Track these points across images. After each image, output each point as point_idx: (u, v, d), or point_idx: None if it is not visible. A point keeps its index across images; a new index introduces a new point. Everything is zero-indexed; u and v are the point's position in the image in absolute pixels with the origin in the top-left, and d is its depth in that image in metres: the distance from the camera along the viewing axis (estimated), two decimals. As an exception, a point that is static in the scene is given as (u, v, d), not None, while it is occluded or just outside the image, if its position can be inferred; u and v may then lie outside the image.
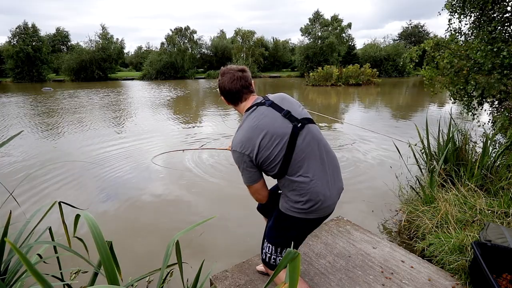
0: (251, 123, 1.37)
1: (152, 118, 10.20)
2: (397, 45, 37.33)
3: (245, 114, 1.43)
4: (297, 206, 1.40)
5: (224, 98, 1.50)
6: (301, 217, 1.42)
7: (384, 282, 1.96)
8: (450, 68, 4.13)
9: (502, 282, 1.83)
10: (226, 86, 1.44)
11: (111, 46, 36.48)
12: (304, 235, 1.57)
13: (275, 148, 1.34)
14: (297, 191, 1.38)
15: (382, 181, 4.15)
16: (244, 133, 1.38)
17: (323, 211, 1.43)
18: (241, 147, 1.36)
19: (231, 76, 1.43)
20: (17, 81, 32.95)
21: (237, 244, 2.97)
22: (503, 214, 2.49)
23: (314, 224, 1.51)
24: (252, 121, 1.38)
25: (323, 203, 1.40)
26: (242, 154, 1.36)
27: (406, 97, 17.21)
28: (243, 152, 1.36)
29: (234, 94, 1.45)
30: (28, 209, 3.55)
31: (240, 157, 1.38)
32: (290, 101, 1.45)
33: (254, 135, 1.35)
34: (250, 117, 1.40)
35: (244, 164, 1.38)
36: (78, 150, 6.31)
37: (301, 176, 1.36)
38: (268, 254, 1.54)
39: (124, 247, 2.87)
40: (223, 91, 1.47)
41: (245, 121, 1.41)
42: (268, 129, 1.35)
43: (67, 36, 41.48)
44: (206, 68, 41.78)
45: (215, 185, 4.40)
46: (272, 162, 1.36)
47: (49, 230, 1.39)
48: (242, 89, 1.45)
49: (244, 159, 1.37)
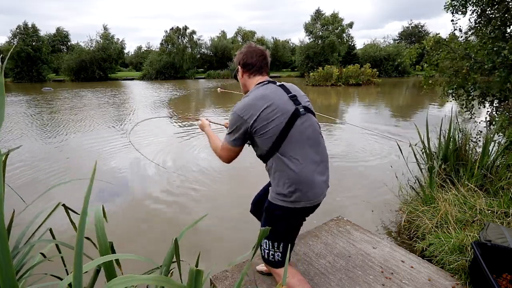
0: (258, 93, 1.43)
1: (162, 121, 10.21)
2: (397, 45, 37.31)
3: (255, 87, 1.50)
4: (283, 192, 1.40)
5: (242, 69, 1.56)
6: (288, 206, 1.42)
7: (384, 282, 1.97)
8: (450, 67, 4.13)
9: (502, 282, 1.83)
10: (253, 58, 1.52)
11: (112, 46, 36.46)
12: (295, 227, 1.56)
13: (275, 120, 1.38)
14: (284, 174, 1.39)
15: (382, 181, 4.15)
16: (249, 100, 1.42)
17: (309, 199, 1.42)
18: (242, 111, 1.41)
19: (259, 51, 1.54)
20: (17, 81, 32.93)
21: (237, 244, 2.98)
22: (503, 214, 2.49)
23: (302, 214, 1.50)
24: (260, 91, 1.44)
25: (310, 189, 1.40)
26: (240, 118, 1.41)
27: (406, 97, 17.21)
28: (241, 116, 1.40)
29: (258, 67, 1.54)
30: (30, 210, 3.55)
31: (237, 119, 1.42)
32: (298, 91, 1.54)
33: (259, 103, 1.39)
34: (259, 89, 1.46)
35: (236, 127, 1.43)
36: (85, 148, 6.32)
37: (292, 158, 1.38)
38: (266, 250, 1.54)
39: (124, 247, 2.88)
40: (246, 61, 1.54)
41: (253, 91, 1.47)
42: (274, 101, 1.40)
43: (67, 36, 41.46)
44: (206, 68, 41.74)
45: (216, 185, 4.40)
46: (268, 133, 1.38)
47: (50, 230, 1.39)
48: (265, 65, 1.55)
49: (239, 123, 1.41)
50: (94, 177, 0.66)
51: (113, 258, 0.88)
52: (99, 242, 0.88)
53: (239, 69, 1.59)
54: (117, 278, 0.73)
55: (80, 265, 0.65)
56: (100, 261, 0.83)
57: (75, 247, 0.63)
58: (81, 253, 0.65)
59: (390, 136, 5.29)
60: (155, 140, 6.96)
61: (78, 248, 0.63)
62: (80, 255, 0.64)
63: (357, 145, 6.35)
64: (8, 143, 6.89)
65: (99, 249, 0.88)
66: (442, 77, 4.33)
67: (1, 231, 0.61)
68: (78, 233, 0.64)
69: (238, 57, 1.58)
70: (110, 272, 0.91)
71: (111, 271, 0.91)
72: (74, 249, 0.63)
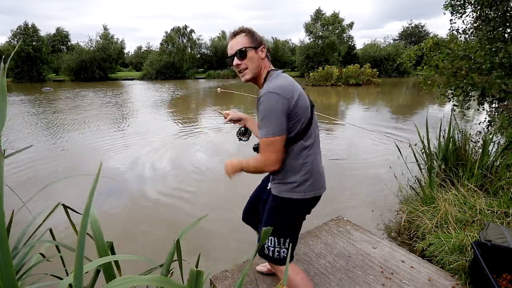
0: (287, 78, 1.38)
1: (162, 118, 10.21)
2: (397, 45, 37.31)
3: (274, 73, 1.41)
4: (297, 181, 1.39)
5: (266, 50, 1.45)
6: (297, 197, 1.40)
7: (384, 282, 1.97)
8: (449, 68, 4.13)
9: (502, 282, 1.83)
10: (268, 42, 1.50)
11: (112, 46, 36.47)
12: (301, 222, 1.55)
13: (306, 108, 1.36)
14: (301, 162, 1.38)
15: (382, 181, 4.15)
16: (283, 81, 1.33)
17: (318, 188, 1.44)
18: (282, 90, 1.27)
19: None
20: (17, 81, 32.94)
21: (237, 244, 2.98)
22: (503, 214, 2.49)
23: (309, 206, 1.50)
24: (287, 78, 1.39)
25: (320, 179, 1.44)
26: (282, 97, 1.26)
27: (406, 97, 17.21)
28: (282, 95, 1.26)
29: (270, 51, 1.50)
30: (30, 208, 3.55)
31: (277, 101, 1.26)
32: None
33: (294, 86, 1.34)
34: (283, 75, 1.41)
35: (277, 110, 1.26)
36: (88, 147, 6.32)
37: (311, 145, 1.40)
38: (271, 248, 1.48)
39: (124, 248, 2.88)
40: (266, 42, 1.48)
41: (279, 77, 1.38)
42: (301, 90, 1.38)
43: (67, 36, 41.48)
44: (206, 68, 41.75)
45: (216, 185, 4.40)
46: (301, 119, 1.34)
47: (50, 231, 1.39)
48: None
49: (281, 103, 1.26)
50: (99, 176, 0.65)
51: (112, 259, 0.87)
52: (96, 242, 0.88)
53: (261, 49, 1.42)
54: (117, 279, 0.73)
55: (81, 265, 0.65)
56: (99, 262, 0.82)
57: (76, 248, 0.63)
58: (82, 254, 0.64)
59: (390, 136, 5.30)
60: (154, 138, 6.98)
61: (80, 250, 0.63)
62: (81, 256, 0.64)
63: (357, 145, 6.35)
64: (12, 144, 6.89)
65: (98, 250, 0.88)
66: (441, 77, 4.33)
67: (1, 230, 0.61)
68: (80, 235, 0.64)
69: (255, 36, 1.44)
70: (109, 273, 0.91)
71: (110, 272, 0.91)
72: (76, 250, 0.63)
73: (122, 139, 7.15)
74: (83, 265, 0.69)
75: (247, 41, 1.40)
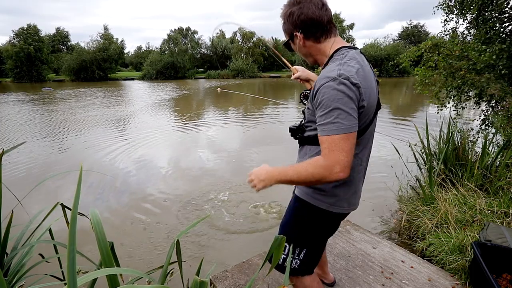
0: (360, 65, 1.02)
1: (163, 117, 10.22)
2: (396, 45, 37.31)
3: (343, 52, 1.05)
4: (324, 188, 1.13)
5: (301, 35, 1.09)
6: (321, 207, 1.16)
7: (384, 282, 1.96)
8: (448, 68, 4.12)
9: (502, 282, 1.83)
10: (316, 13, 1.03)
11: (112, 46, 36.52)
12: (324, 233, 1.28)
13: (371, 107, 1.06)
14: None
15: (382, 181, 4.15)
16: (351, 64, 0.99)
17: (349, 204, 1.19)
18: (350, 74, 0.95)
19: (315, 2, 1.04)
20: (17, 81, 32.98)
21: (237, 244, 2.98)
22: (503, 214, 2.49)
23: (335, 220, 1.23)
24: (360, 63, 1.03)
25: (353, 194, 1.19)
26: (351, 84, 0.94)
27: (406, 97, 17.20)
28: (351, 81, 0.94)
29: (325, 24, 1.06)
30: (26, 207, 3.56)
31: (345, 89, 0.94)
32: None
33: (365, 70, 1.03)
34: (357, 58, 1.04)
35: (345, 100, 0.94)
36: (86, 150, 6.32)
37: (358, 153, 1.13)
38: (283, 255, 1.26)
39: (124, 248, 2.88)
40: (307, 21, 1.05)
41: (347, 56, 1.03)
42: (372, 84, 1.05)
43: (67, 36, 41.54)
44: (206, 68, 41.77)
45: (216, 186, 4.40)
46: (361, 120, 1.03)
47: (49, 231, 1.39)
48: (331, 20, 1.09)
49: (350, 91, 0.94)
50: (81, 178, 0.65)
51: (112, 272, 0.86)
52: (99, 246, 0.87)
53: (298, 38, 1.10)
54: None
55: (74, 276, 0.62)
56: (96, 275, 0.80)
57: (67, 259, 0.59)
58: (74, 266, 0.62)
59: (389, 136, 5.29)
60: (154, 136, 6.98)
61: (71, 263, 0.60)
62: (73, 267, 0.61)
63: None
64: (12, 144, 6.89)
65: (101, 255, 0.87)
66: (439, 77, 4.32)
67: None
68: (70, 234, 0.63)
69: (289, 22, 1.09)
70: (112, 276, 0.90)
71: (114, 276, 0.90)
72: (66, 263, 0.60)
73: (122, 137, 7.15)
74: (82, 265, 0.69)
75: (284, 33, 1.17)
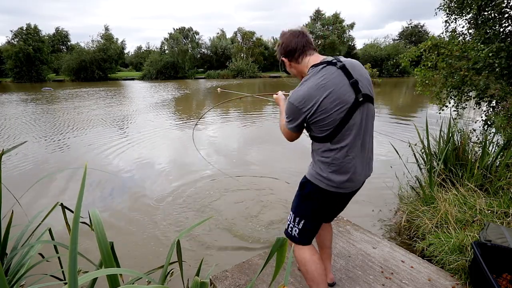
0: (318, 81, 1.32)
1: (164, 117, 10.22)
2: (397, 45, 37.30)
3: (312, 70, 1.38)
4: (323, 174, 1.41)
5: (286, 59, 1.49)
6: (320, 186, 1.43)
7: (384, 282, 1.96)
8: (448, 68, 4.12)
9: (502, 282, 1.83)
10: (292, 42, 1.43)
11: (112, 46, 36.51)
12: (325, 210, 1.55)
13: (334, 112, 1.31)
14: (329, 160, 1.39)
15: (382, 181, 4.15)
16: (308, 89, 1.33)
17: (345, 188, 1.44)
18: (300, 102, 1.33)
19: (293, 33, 1.45)
20: (17, 81, 32.97)
21: (237, 244, 2.98)
22: (503, 214, 2.49)
23: (334, 199, 1.50)
24: (320, 79, 1.33)
25: (347, 179, 1.41)
26: (299, 110, 1.35)
27: (406, 97, 17.21)
28: (300, 108, 1.34)
29: (300, 49, 1.44)
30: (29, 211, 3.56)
31: (294, 110, 1.37)
32: (361, 72, 1.40)
33: (318, 94, 1.31)
34: (319, 74, 1.34)
35: (294, 117, 1.39)
36: (87, 151, 6.32)
37: (341, 148, 1.37)
38: (288, 222, 1.59)
39: (124, 248, 2.88)
40: (287, 48, 1.45)
41: (312, 77, 1.35)
42: (334, 90, 1.31)
43: (66, 36, 41.51)
44: (206, 68, 41.76)
45: (217, 186, 4.40)
46: (326, 125, 1.34)
47: (49, 231, 1.39)
48: (307, 44, 1.45)
49: (297, 114, 1.37)
50: (85, 178, 0.65)
51: (112, 272, 0.86)
52: (100, 246, 0.87)
53: (285, 62, 1.51)
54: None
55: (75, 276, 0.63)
56: (97, 275, 0.80)
57: (68, 259, 0.60)
58: (75, 266, 0.62)
59: (389, 136, 5.30)
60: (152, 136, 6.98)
61: (72, 263, 0.60)
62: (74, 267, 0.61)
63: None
64: (11, 143, 6.89)
65: (101, 255, 0.87)
66: (439, 77, 4.31)
67: None
68: (71, 247, 0.63)
69: (278, 51, 1.51)
70: (112, 276, 0.90)
71: (114, 276, 0.90)
72: (68, 263, 0.60)
73: (123, 136, 7.15)
74: (83, 265, 0.69)
75: (278, 55, 1.54)
